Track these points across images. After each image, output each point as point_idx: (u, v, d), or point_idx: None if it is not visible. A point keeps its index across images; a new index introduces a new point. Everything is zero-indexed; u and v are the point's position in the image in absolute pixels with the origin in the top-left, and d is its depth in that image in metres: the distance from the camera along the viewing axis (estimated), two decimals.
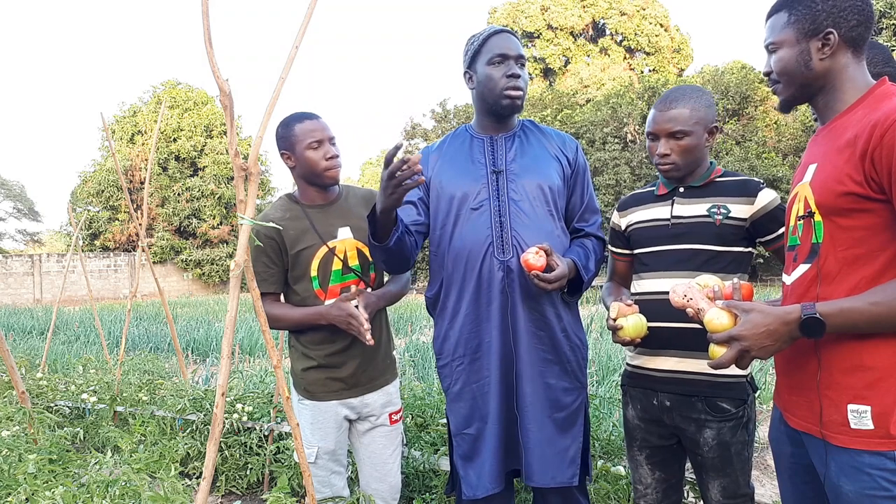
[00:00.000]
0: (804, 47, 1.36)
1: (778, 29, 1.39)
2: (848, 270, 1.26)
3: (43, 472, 1.93)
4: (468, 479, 2.01)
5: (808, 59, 1.36)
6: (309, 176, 2.08)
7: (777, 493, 3.15)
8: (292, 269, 2.09)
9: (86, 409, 4.17)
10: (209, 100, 30.32)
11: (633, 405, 1.94)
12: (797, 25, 1.36)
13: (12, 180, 34.20)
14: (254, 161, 1.39)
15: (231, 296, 1.44)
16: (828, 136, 1.36)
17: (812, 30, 1.34)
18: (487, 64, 1.97)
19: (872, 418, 1.22)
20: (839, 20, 1.32)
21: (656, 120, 1.82)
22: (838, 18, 1.32)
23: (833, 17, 1.32)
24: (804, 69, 1.36)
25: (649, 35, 32.79)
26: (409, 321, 10.28)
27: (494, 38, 1.98)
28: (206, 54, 1.31)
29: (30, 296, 24.03)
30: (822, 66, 1.35)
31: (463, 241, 2.00)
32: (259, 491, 3.35)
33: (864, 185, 1.22)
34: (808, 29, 1.34)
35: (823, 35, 1.33)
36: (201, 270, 27.78)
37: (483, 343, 1.99)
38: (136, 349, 8.30)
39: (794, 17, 1.36)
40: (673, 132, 1.79)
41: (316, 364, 2.10)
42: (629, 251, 2.00)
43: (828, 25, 1.33)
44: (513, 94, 1.98)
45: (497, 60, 1.96)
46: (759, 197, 1.77)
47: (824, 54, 1.34)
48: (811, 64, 1.36)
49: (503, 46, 1.97)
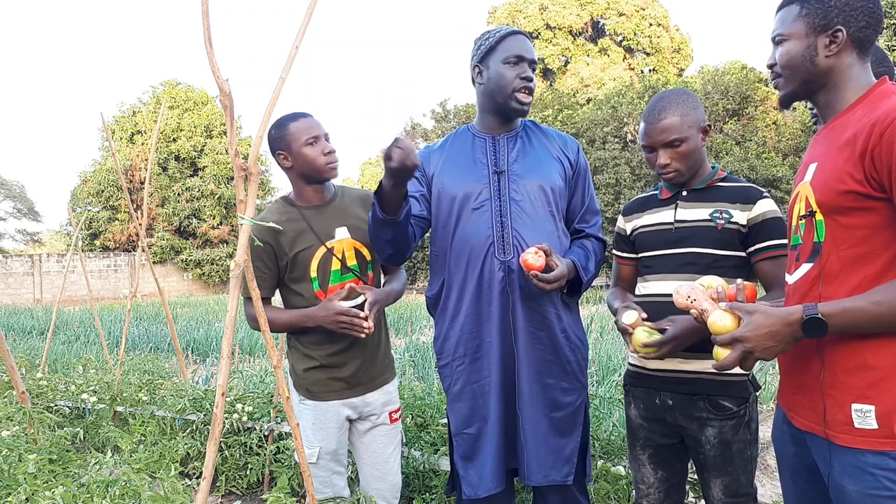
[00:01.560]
0: (812, 42, 1.35)
1: (788, 21, 1.39)
2: (850, 269, 1.26)
3: (43, 472, 1.93)
4: (469, 478, 2.01)
5: (815, 55, 1.35)
6: (308, 172, 2.07)
7: (778, 493, 3.16)
8: (291, 270, 2.09)
9: (86, 409, 4.17)
10: (209, 100, 30.32)
11: (635, 405, 1.94)
12: (808, 19, 1.35)
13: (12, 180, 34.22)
14: (254, 161, 1.39)
15: (231, 296, 1.44)
16: (828, 135, 1.36)
17: (822, 25, 1.34)
18: (503, 62, 1.97)
19: (877, 418, 1.21)
20: (849, 19, 1.32)
21: (649, 133, 1.82)
22: (849, 17, 1.32)
23: (844, 14, 1.32)
24: (809, 64, 1.36)
25: (649, 35, 32.80)
26: (409, 321, 10.28)
27: (512, 39, 1.98)
28: (206, 54, 1.31)
29: (30, 296, 24.04)
30: (826, 64, 1.35)
31: (464, 241, 2.00)
32: (259, 491, 3.35)
33: (864, 184, 1.22)
34: (818, 24, 1.34)
35: (832, 32, 1.33)
36: (201, 270, 27.78)
37: (483, 343, 1.99)
38: (136, 349, 8.30)
39: (806, 11, 1.36)
40: (669, 141, 1.79)
41: (318, 364, 2.10)
42: (634, 255, 2.00)
43: (838, 23, 1.32)
44: (523, 99, 1.98)
45: (513, 61, 1.96)
46: (759, 204, 1.78)
47: (830, 51, 1.34)
48: (816, 60, 1.35)
49: (521, 48, 1.97)
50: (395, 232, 1.87)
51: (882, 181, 1.20)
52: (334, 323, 1.95)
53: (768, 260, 1.75)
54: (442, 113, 26.91)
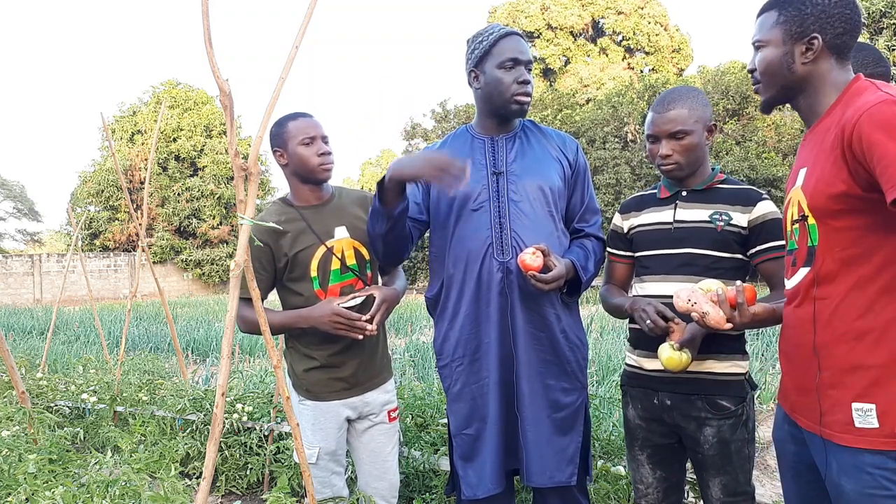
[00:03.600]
0: (788, 49, 1.37)
1: (766, 28, 1.40)
2: (847, 270, 1.27)
3: (43, 472, 1.93)
4: (468, 479, 2.01)
5: (791, 62, 1.37)
6: (302, 172, 2.09)
7: (778, 493, 3.16)
8: (291, 270, 2.09)
9: (86, 409, 4.17)
10: (209, 100, 30.30)
11: (633, 405, 1.95)
12: (785, 26, 1.37)
13: (12, 180, 34.19)
14: (254, 161, 1.39)
15: (231, 296, 1.44)
16: (814, 139, 1.37)
17: (798, 33, 1.35)
18: (498, 67, 1.96)
19: (878, 416, 1.22)
20: (826, 26, 1.33)
21: (656, 122, 1.83)
22: (825, 25, 1.33)
23: (820, 22, 1.33)
24: (786, 71, 1.38)
25: (649, 34, 32.78)
26: (409, 321, 10.28)
27: (506, 41, 1.97)
28: (206, 54, 1.31)
29: (30, 296, 24.03)
30: (803, 70, 1.36)
31: (463, 243, 2.01)
32: (259, 491, 3.35)
33: (851, 184, 1.23)
34: (794, 31, 1.35)
35: (808, 39, 1.34)
36: (201, 270, 27.77)
37: (483, 344, 1.99)
38: (136, 349, 8.30)
39: (784, 18, 1.37)
40: (674, 132, 1.79)
41: (318, 364, 2.11)
42: (630, 254, 2.00)
43: (814, 30, 1.33)
44: (522, 101, 1.98)
45: (509, 65, 1.95)
46: (758, 206, 1.78)
47: (807, 59, 1.35)
48: (793, 67, 1.37)
49: (515, 50, 1.96)
50: (390, 226, 1.88)
51: (868, 175, 1.20)
52: (330, 324, 1.95)
53: (771, 261, 1.76)
54: (442, 113, 26.90)
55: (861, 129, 1.18)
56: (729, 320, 1.50)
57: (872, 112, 1.18)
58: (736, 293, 1.48)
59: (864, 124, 1.18)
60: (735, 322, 1.51)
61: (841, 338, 1.27)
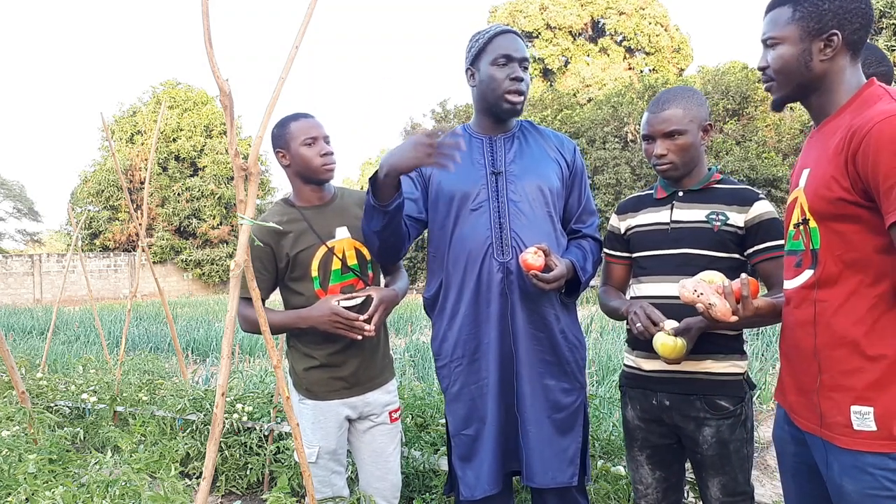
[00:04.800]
0: (806, 46, 1.33)
1: (781, 24, 1.36)
2: (848, 274, 1.27)
3: (43, 472, 1.93)
4: (466, 479, 2.01)
5: (809, 60, 1.33)
6: (304, 172, 2.09)
7: (778, 493, 3.16)
8: (292, 270, 2.09)
9: (86, 409, 4.17)
10: (209, 100, 30.30)
11: (632, 405, 1.95)
12: (802, 23, 1.32)
13: (12, 180, 34.18)
14: (254, 161, 1.39)
15: (231, 296, 1.44)
16: (820, 139, 1.35)
17: (817, 29, 1.31)
18: (491, 64, 1.97)
19: (875, 420, 1.22)
20: (844, 22, 1.29)
21: (651, 122, 1.83)
22: (843, 20, 1.29)
23: (839, 18, 1.29)
24: (803, 69, 1.34)
25: (649, 34, 32.78)
26: (409, 321, 10.27)
27: (500, 38, 1.98)
28: (206, 54, 1.31)
29: (30, 296, 24.03)
30: (821, 68, 1.33)
31: (462, 242, 2.00)
32: (259, 491, 3.35)
33: (850, 192, 1.22)
34: (812, 28, 1.31)
35: (827, 36, 1.30)
36: (201, 270, 27.77)
37: (482, 344, 1.99)
38: (136, 349, 8.30)
39: (800, 14, 1.33)
40: (669, 132, 1.80)
41: (318, 364, 2.11)
42: (627, 255, 2.00)
43: (833, 26, 1.30)
44: (513, 99, 1.98)
45: (501, 62, 1.96)
46: (755, 206, 1.78)
47: (826, 56, 1.32)
48: (811, 64, 1.33)
49: (508, 47, 1.96)
50: (385, 222, 1.87)
51: (866, 188, 1.19)
52: (329, 324, 1.95)
53: (769, 261, 1.75)
54: (442, 113, 26.90)
55: (869, 143, 1.17)
56: (733, 313, 1.50)
57: (883, 127, 1.16)
58: (741, 286, 1.47)
59: (872, 138, 1.16)
60: (739, 315, 1.49)
61: (840, 341, 1.26)
